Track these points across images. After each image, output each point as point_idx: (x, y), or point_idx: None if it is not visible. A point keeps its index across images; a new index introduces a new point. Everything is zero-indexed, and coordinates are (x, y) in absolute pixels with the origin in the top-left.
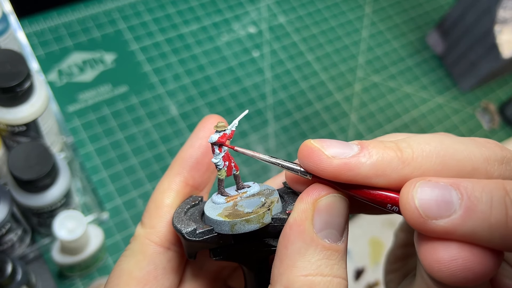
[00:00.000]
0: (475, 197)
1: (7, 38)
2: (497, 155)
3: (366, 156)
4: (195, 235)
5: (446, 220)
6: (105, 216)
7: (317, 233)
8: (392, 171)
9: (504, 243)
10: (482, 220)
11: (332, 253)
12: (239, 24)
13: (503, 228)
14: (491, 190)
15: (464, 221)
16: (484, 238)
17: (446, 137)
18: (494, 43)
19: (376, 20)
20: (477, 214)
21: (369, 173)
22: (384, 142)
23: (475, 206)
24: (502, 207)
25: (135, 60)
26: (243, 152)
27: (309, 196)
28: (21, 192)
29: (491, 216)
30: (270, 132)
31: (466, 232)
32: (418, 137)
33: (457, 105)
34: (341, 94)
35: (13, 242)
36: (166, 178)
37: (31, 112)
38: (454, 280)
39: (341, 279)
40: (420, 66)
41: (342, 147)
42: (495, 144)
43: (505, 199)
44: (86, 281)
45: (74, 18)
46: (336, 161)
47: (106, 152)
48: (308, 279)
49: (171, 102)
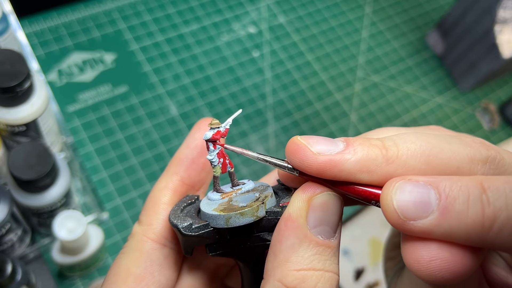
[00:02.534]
0: (453, 196)
1: (7, 38)
2: (482, 154)
3: (351, 152)
4: (191, 229)
5: (423, 221)
6: (105, 216)
7: (310, 229)
8: (376, 168)
9: (482, 241)
10: (459, 220)
11: (324, 249)
12: (239, 24)
13: (479, 227)
14: (468, 188)
15: (441, 222)
16: (462, 237)
17: (433, 136)
18: (494, 43)
19: (376, 20)
20: (454, 214)
21: (353, 169)
22: (370, 139)
23: (452, 206)
24: (479, 206)
25: (135, 60)
26: (232, 150)
27: (304, 193)
28: (21, 192)
29: (468, 216)
30: (270, 132)
31: (444, 232)
32: (405, 136)
33: (457, 105)
34: (341, 94)
35: (13, 242)
36: (163, 177)
37: (31, 112)
38: (432, 279)
39: (333, 274)
40: (420, 66)
41: (328, 144)
42: (480, 144)
43: (482, 197)
44: (86, 281)
45: (74, 18)
46: (321, 157)
47: (106, 152)
48: (300, 273)
49: (171, 102)
